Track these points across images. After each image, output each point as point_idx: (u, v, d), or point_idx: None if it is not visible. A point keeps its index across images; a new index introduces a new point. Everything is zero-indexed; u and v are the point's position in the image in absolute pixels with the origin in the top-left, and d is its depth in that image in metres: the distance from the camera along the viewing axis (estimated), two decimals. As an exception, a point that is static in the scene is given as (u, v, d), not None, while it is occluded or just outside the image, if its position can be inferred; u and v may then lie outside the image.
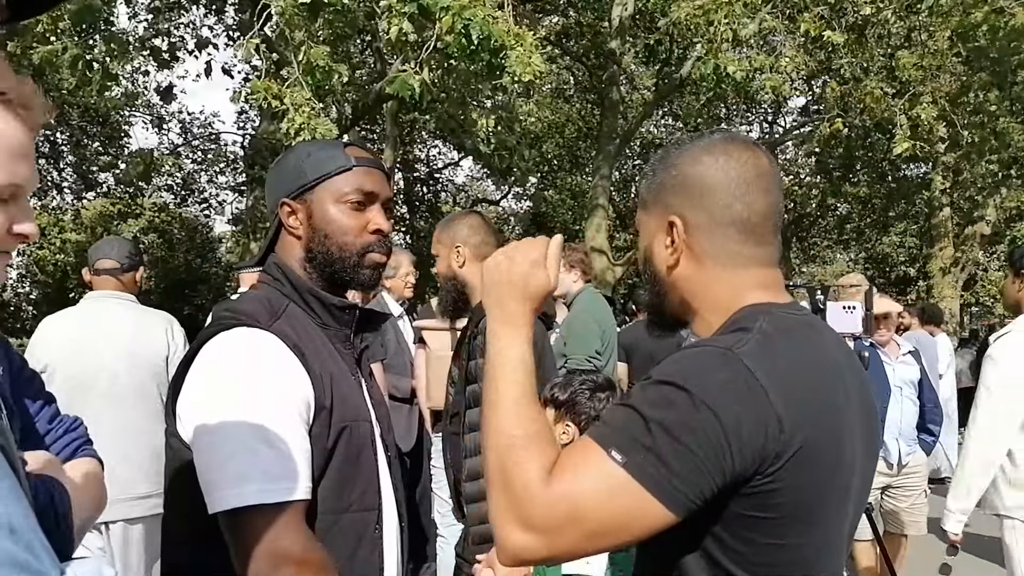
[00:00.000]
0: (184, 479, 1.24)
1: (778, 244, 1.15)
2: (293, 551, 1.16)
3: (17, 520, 0.57)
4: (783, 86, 10.12)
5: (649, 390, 0.98)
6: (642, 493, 0.93)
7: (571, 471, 0.96)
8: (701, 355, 1.01)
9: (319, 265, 1.39)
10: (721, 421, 0.93)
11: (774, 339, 1.01)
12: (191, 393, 1.26)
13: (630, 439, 0.95)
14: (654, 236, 1.16)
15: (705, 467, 0.93)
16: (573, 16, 14.77)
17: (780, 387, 0.96)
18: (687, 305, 1.15)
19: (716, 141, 1.14)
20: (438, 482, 4.02)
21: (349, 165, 1.39)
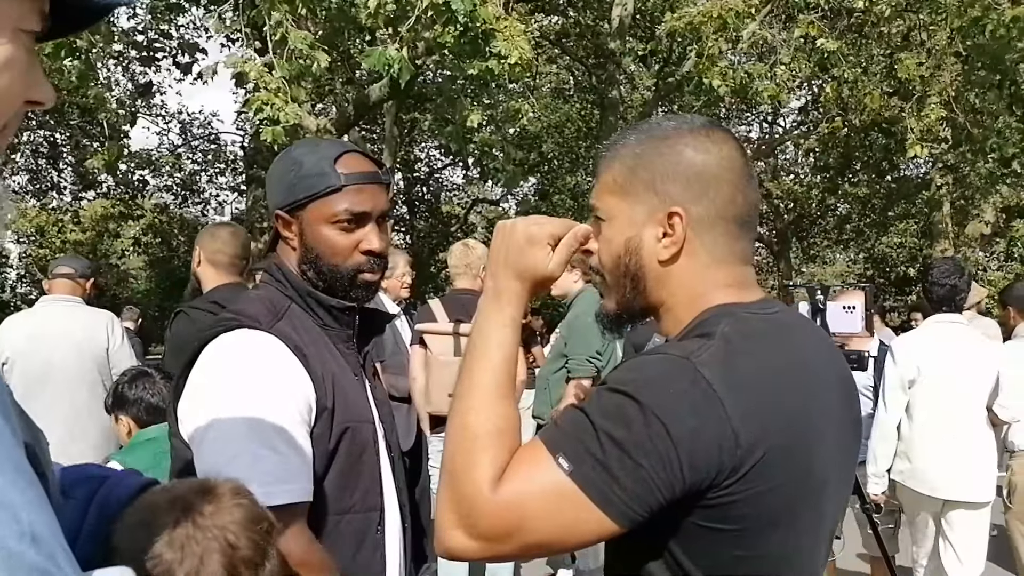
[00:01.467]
0: None
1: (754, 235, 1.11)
2: (295, 552, 1.16)
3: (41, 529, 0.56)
4: (780, 94, 10.15)
5: (604, 397, 0.94)
6: (587, 504, 0.90)
7: (521, 477, 0.94)
8: (659, 363, 0.95)
9: (312, 278, 1.38)
10: (672, 435, 0.89)
11: (736, 345, 0.96)
12: (192, 395, 1.26)
13: (579, 447, 0.91)
14: (642, 228, 1.05)
15: (653, 481, 0.90)
16: (573, 16, 14.77)
17: (739, 397, 0.92)
18: (663, 301, 1.07)
19: (709, 127, 1.07)
20: (437, 482, 4.02)
21: (339, 185, 1.34)
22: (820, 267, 25.40)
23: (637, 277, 1.06)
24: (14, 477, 0.56)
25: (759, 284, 1.14)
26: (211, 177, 19.43)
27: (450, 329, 3.94)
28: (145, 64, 11.53)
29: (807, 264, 24.46)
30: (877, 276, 22.87)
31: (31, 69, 0.65)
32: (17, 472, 0.57)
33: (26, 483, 0.57)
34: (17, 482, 0.56)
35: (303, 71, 7.09)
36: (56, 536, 0.58)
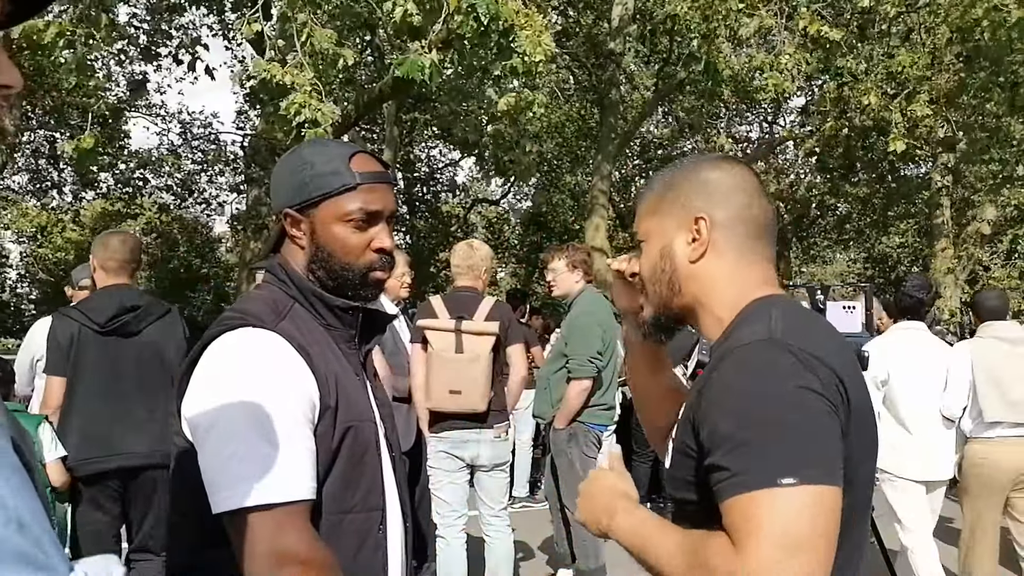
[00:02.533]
0: (188, 479, 1.24)
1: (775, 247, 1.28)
2: (297, 551, 1.16)
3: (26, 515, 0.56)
4: (784, 84, 10.12)
5: (747, 416, 1.01)
6: (826, 492, 0.97)
7: (754, 524, 0.96)
8: (752, 354, 1.07)
9: (321, 277, 1.39)
10: (814, 398, 1.01)
11: (795, 323, 1.11)
12: (195, 393, 1.26)
13: (780, 462, 0.97)
14: (673, 236, 1.24)
15: (836, 438, 1.02)
16: (573, 16, 14.77)
17: (829, 358, 1.06)
18: (699, 300, 1.23)
19: (723, 156, 1.31)
20: (436, 483, 4.02)
21: (353, 183, 1.36)
22: (820, 267, 25.39)
23: (672, 279, 1.24)
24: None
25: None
26: (211, 177, 19.43)
27: (451, 326, 3.94)
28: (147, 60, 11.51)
29: (807, 264, 24.45)
30: (877, 276, 22.87)
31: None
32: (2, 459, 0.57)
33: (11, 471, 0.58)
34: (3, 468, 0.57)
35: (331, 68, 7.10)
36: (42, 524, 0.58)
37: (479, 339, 3.94)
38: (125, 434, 3.33)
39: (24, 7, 0.68)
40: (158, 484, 3.36)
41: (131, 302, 3.36)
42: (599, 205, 12.45)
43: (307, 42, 6.95)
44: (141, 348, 3.38)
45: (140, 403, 3.35)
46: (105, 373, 3.32)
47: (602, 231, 12.45)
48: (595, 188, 12.69)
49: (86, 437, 3.30)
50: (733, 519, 0.98)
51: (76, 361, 3.32)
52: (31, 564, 0.55)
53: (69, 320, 3.35)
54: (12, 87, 0.67)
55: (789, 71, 10.00)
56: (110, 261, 3.37)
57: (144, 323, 3.40)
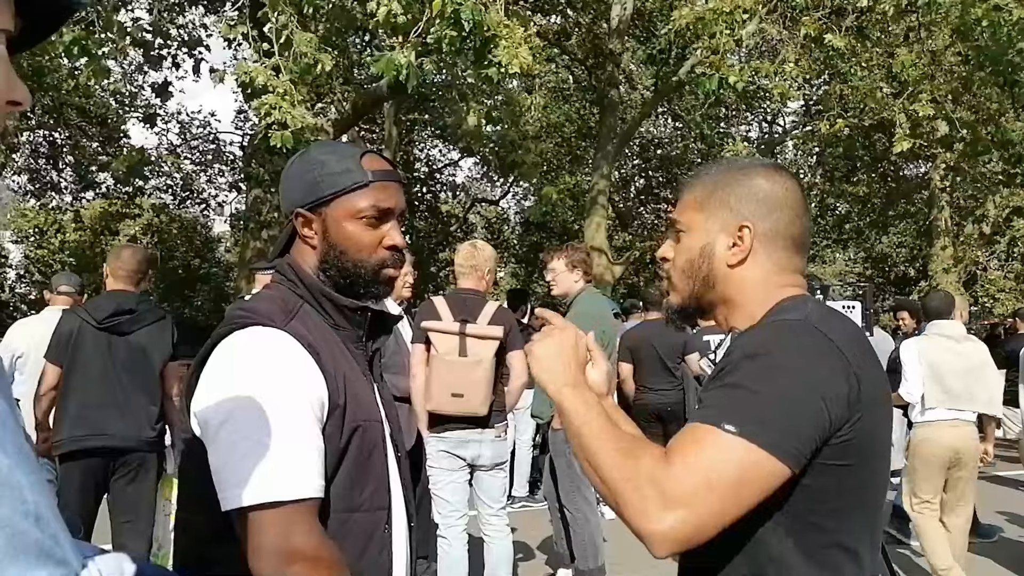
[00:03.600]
0: (198, 476, 1.25)
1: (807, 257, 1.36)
2: (305, 549, 1.17)
3: (43, 510, 0.59)
4: (790, 91, 10.13)
5: (742, 365, 1.10)
6: (761, 456, 1.04)
7: (688, 451, 1.06)
8: (780, 327, 1.16)
9: (333, 276, 1.40)
10: (815, 379, 1.08)
11: (827, 317, 1.19)
12: (205, 391, 1.27)
13: (737, 411, 1.06)
14: (716, 236, 1.27)
15: (810, 423, 1.07)
16: (572, 16, 14.77)
17: (850, 349, 1.13)
18: (729, 299, 1.28)
19: (776, 166, 1.35)
20: (437, 482, 4.02)
21: (366, 181, 1.37)
22: (820, 267, 25.39)
23: (708, 277, 1.28)
24: (19, 459, 0.59)
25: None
26: (210, 177, 19.41)
27: (456, 328, 3.94)
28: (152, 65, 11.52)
29: (807, 264, 24.44)
30: (877, 276, 22.88)
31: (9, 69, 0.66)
32: (21, 455, 0.59)
33: (30, 467, 0.60)
34: (22, 464, 0.59)
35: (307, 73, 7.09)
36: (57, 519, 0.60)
37: (483, 343, 3.94)
38: (111, 418, 3.80)
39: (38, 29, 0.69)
40: (137, 464, 3.90)
41: (128, 306, 3.86)
42: (599, 205, 12.45)
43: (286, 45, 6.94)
44: (131, 346, 3.86)
45: (126, 393, 3.83)
46: (97, 364, 3.81)
47: (602, 231, 12.45)
48: (595, 188, 12.69)
49: (79, 417, 3.77)
50: (679, 439, 1.10)
51: (74, 351, 3.81)
52: (50, 558, 0.57)
53: (74, 315, 3.91)
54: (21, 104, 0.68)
55: (794, 79, 10.01)
56: (119, 270, 3.93)
57: (137, 326, 3.87)
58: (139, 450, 3.86)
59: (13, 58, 0.68)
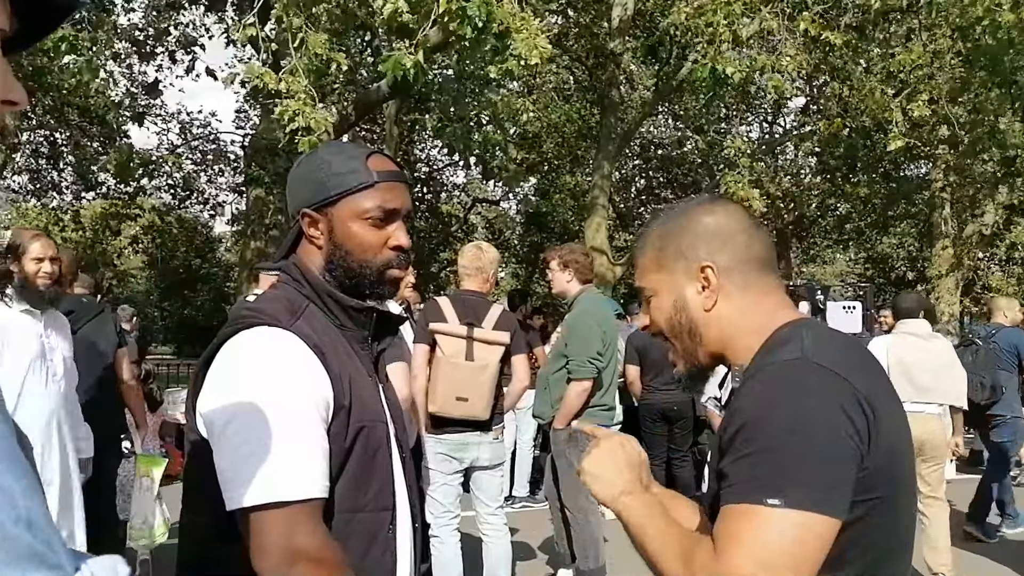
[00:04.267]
0: (203, 476, 1.25)
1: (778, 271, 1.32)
2: (309, 549, 1.17)
3: (36, 515, 0.58)
4: (785, 85, 10.11)
5: (759, 428, 1.05)
6: (813, 519, 1.00)
7: (738, 538, 1.01)
8: (778, 374, 1.10)
9: (339, 276, 1.40)
10: (834, 420, 1.04)
11: (825, 342, 1.15)
12: (211, 390, 1.27)
13: (772, 480, 1.01)
14: (683, 288, 1.25)
15: (846, 464, 1.03)
16: (573, 16, 14.76)
17: (856, 376, 1.09)
18: (723, 341, 1.25)
19: (711, 198, 1.31)
20: (432, 483, 4.02)
21: (371, 181, 1.37)
22: (820, 267, 25.39)
23: (692, 329, 1.26)
24: (10, 464, 0.58)
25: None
26: (210, 177, 19.41)
27: (463, 332, 3.94)
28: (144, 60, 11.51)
29: (807, 264, 24.45)
30: (877, 276, 22.88)
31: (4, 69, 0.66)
32: (12, 460, 0.59)
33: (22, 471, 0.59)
34: (13, 469, 0.59)
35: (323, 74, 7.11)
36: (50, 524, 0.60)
37: (489, 348, 3.95)
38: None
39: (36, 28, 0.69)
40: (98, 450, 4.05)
41: (67, 308, 3.93)
42: (599, 205, 12.45)
43: (301, 47, 6.95)
44: (78, 343, 3.90)
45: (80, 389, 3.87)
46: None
47: (602, 231, 12.44)
48: (595, 188, 12.69)
49: None
50: (721, 526, 1.05)
51: None
52: (43, 563, 0.57)
53: None
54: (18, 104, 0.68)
55: (790, 73, 10.00)
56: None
57: (79, 324, 4.06)
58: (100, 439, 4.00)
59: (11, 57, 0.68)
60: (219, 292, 19.74)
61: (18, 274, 3.24)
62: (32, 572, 0.56)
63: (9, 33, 0.66)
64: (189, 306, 19.55)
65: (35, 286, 3.25)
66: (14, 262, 3.25)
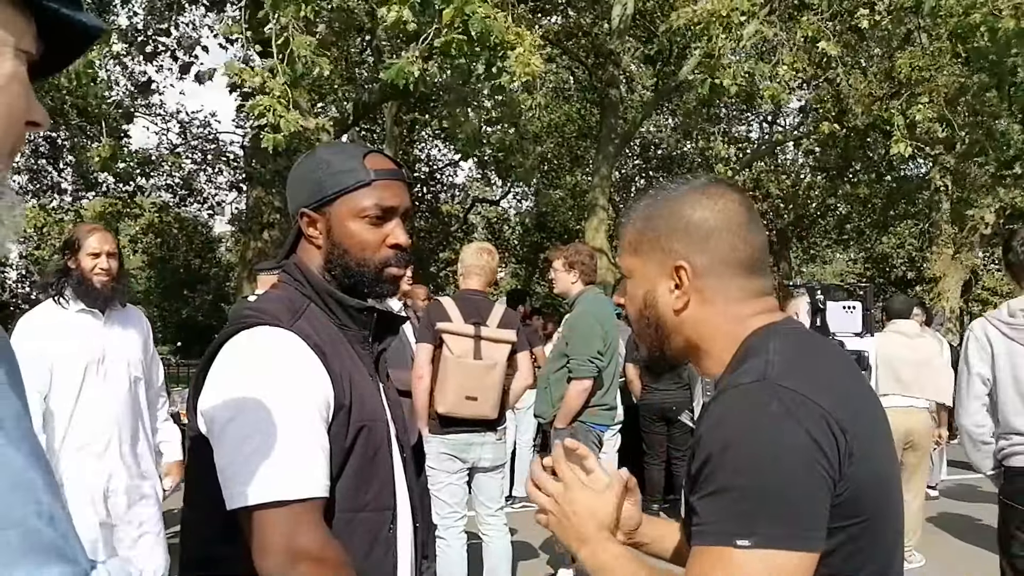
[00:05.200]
0: (204, 475, 1.26)
1: (770, 274, 1.20)
2: (311, 548, 1.17)
3: (56, 510, 0.60)
4: (781, 95, 10.15)
5: (724, 462, 0.98)
6: (786, 556, 0.95)
7: None
8: (743, 398, 1.01)
9: (338, 275, 1.40)
10: (801, 446, 0.96)
11: (792, 355, 1.05)
12: (212, 390, 1.27)
13: (740, 519, 0.95)
14: (655, 281, 1.16)
15: (817, 493, 0.96)
16: (573, 16, 14.77)
17: (824, 395, 1.00)
18: (692, 344, 1.16)
19: (707, 185, 1.18)
20: (436, 484, 4.02)
21: (368, 180, 1.37)
22: (820, 267, 25.40)
23: (658, 327, 1.17)
24: (34, 460, 0.60)
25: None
26: (210, 177, 19.42)
27: (470, 331, 3.95)
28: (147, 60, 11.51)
29: (807, 264, 24.46)
30: (877, 276, 22.89)
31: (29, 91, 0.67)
32: (35, 455, 0.61)
33: (43, 468, 0.61)
34: (37, 464, 0.60)
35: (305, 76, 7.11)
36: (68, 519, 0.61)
37: (496, 346, 3.96)
38: None
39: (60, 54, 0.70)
40: None
41: None
42: (599, 205, 12.45)
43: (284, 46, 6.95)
44: None
45: None
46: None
47: (602, 231, 12.44)
48: (595, 188, 12.69)
49: None
50: (693, 569, 0.99)
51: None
52: (62, 557, 0.58)
53: None
54: (40, 125, 0.69)
55: (787, 83, 10.02)
56: None
57: None
58: None
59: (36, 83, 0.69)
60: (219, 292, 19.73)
61: (75, 271, 3.07)
62: (52, 565, 0.57)
63: (35, 56, 0.67)
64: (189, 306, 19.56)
65: (91, 283, 3.05)
66: (71, 258, 3.08)
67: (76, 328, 3.06)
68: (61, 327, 3.05)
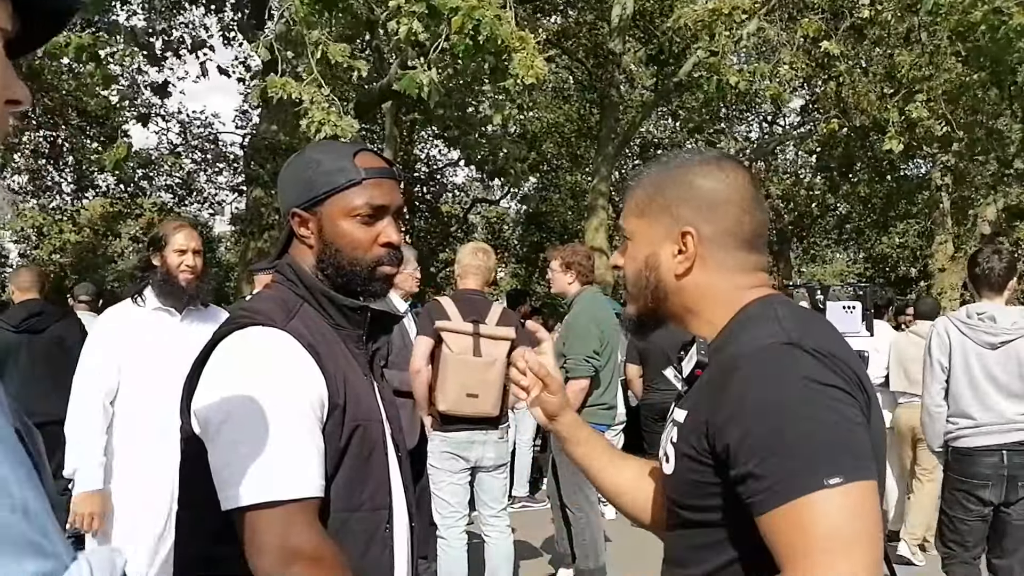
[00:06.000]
0: (198, 476, 1.25)
1: (767, 252, 1.25)
2: (306, 548, 1.17)
3: (32, 504, 0.58)
4: (783, 95, 10.15)
5: (777, 420, 0.99)
6: (869, 485, 0.97)
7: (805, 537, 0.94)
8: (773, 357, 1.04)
9: (330, 275, 1.40)
10: (843, 395, 1.00)
11: (801, 320, 1.10)
12: (206, 390, 1.27)
13: (820, 461, 0.96)
14: (660, 244, 1.19)
15: (866, 433, 1.02)
16: (573, 16, 14.77)
17: (839, 353, 1.05)
18: (688, 309, 1.20)
19: (719, 157, 1.23)
20: (438, 483, 4.02)
21: (359, 178, 1.37)
22: (820, 267, 25.39)
23: (657, 289, 1.21)
24: (6, 454, 0.59)
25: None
26: (210, 177, 19.43)
27: (469, 329, 3.95)
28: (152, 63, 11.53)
29: (807, 264, 24.45)
30: (877, 276, 22.87)
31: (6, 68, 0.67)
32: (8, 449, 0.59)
33: (17, 461, 0.60)
34: (8, 458, 0.59)
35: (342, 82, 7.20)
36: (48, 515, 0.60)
37: (495, 343, 3.96)
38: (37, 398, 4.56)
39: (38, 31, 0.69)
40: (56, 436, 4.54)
41: (36, 310, 4.79)
42: (599, 206, 12.45)
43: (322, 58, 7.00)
44: (47, 340, 4.74)
45: (48, 379, 4.61)
46: (23, 360, 4.68)
47: (602, 231, 12.44)
48: (595, 188, 12.69)
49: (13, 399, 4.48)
50: (782, 528, 0.96)
51: (2, 356, 4.67)
52: (39, 552, 0.57)
53: None
54: (22, 103, 0.68)
55: (788, 82, 10.03)
56: (23, 285, 4.98)
57: (46, 323, 4.77)
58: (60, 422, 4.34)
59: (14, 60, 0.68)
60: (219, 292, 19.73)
61: (160, 268, 2.99)
62: (27, 560, 0.56)
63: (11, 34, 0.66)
64: (189, 306, 19.55)
65: (176, 280, 2.98)
66: (156, 254, 3.01)
67: (150, 327, 2.99)
68: (135, 326, 2.98)
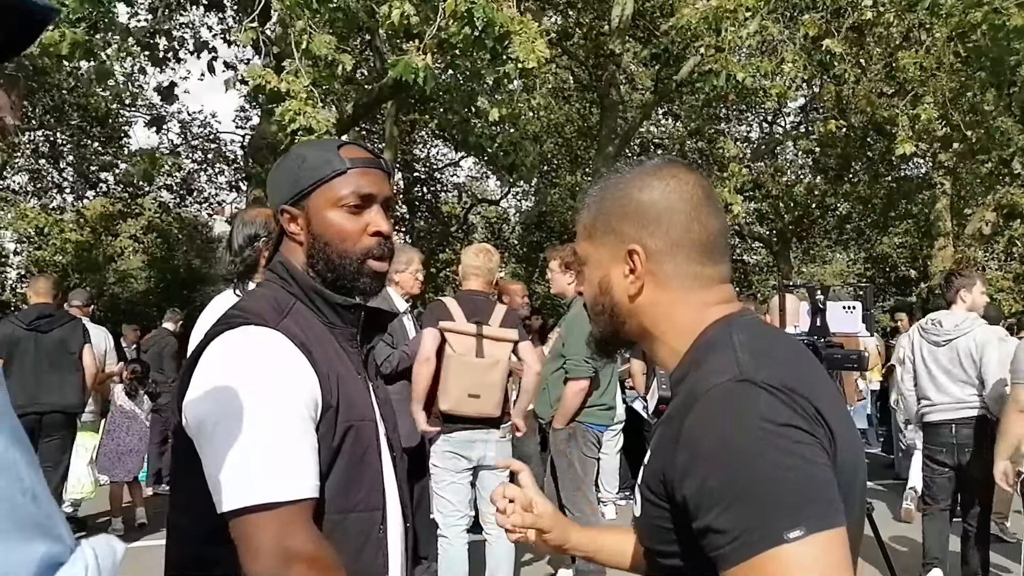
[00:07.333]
0: (191, 477, 1.24)
1: (729, 261, 1.15)
2: (302, 550, 1.16)
3: (39, 489, 0.60)
4: (787, 92, 10.14)
5: (733, 467, 0.91)
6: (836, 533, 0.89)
7: None
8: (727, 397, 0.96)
9: (321, 271, 1.39)
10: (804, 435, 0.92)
11: (758, 348, 1.01)
12: (198, 391, 1.26)
13: (782, 513, 0.88)
14: (608, 267, 1.13)
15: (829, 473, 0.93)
16: (573, 16, 14.77)
17: (800, 385, 0.96)
18: (647, 332, 1.12)
19: (659, 165, 1.14)
20: (440, 482, 4.02)
21: (344, 168, 1.37)
22: (820, 267, 25.38)
23: (614, 312, 1.14)
24: (15, 439, 0.60)
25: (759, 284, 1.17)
26: (210, 176, 19.43)
27: (472, 330, 3.97)
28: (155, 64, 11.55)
29: (807, 264, 24.44)
30: (877, 276, 22.88)
31: None
32: (16, 435, 0.61)
33: (24, 449, 0.61)
34: (17, 444, 0.61)
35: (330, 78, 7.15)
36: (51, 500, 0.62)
37: (498, 345, 3.99)
38: (41, 392, 5.50)
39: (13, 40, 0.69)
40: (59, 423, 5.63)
41: (47, 312, 5.64)
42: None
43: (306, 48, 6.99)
44: (53, 340, 5.60)
45: (52, 374, 5.55)
46: (30, 354, 5.51)
47: (602, 231, 12.42)
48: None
49: (18, 392, 5.27)
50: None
51: (12, 347, 5.47)
52: (47, 534, 0.59)
53: (8, 322, 5.79)
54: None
55: (792, 80, 10.01)
56: (40, 290, 5.76)
57: (54, 326, 5.62)
58: (61, 412, 5.63)
59: None
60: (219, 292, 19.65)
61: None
62: (37, 541, 0.58)
63: None
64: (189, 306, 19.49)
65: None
66: (260, 245, 2.95)
67: None
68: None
